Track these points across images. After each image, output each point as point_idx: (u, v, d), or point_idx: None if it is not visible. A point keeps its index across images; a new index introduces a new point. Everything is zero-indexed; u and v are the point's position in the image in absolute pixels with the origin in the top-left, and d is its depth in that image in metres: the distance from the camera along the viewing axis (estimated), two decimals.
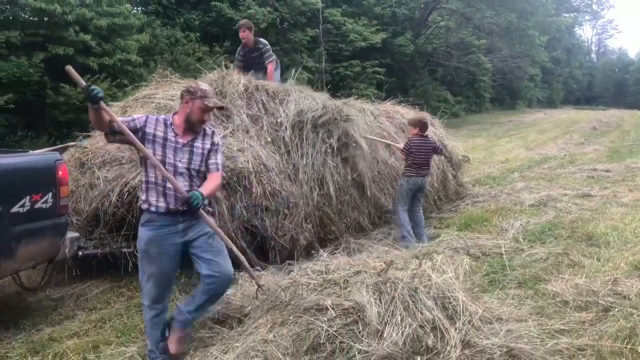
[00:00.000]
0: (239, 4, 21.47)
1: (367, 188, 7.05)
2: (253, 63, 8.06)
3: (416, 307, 3.72)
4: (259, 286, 4.09)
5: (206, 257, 3.57)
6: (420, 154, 6.84)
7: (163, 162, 3.51)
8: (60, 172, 4.51)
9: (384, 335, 3.48)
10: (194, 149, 3.63)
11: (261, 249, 5.70)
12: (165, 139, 3.56)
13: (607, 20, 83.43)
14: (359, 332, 3.48)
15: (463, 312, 3.85)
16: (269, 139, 6.23)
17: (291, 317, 3.59)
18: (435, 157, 7.97)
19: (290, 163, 6.22)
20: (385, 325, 3.55)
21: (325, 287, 3.88)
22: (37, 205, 4.29)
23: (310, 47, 24.98)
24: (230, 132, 6.03)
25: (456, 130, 26.02)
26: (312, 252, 5.78)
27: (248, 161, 5.69)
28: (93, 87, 3.21)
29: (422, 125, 7.02)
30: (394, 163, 7.95)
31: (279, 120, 6.42)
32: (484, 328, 3.86)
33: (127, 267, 5.26)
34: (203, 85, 3.76)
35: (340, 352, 3.35)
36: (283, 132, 6.32)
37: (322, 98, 6.96)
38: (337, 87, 25.48)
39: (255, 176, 5.64)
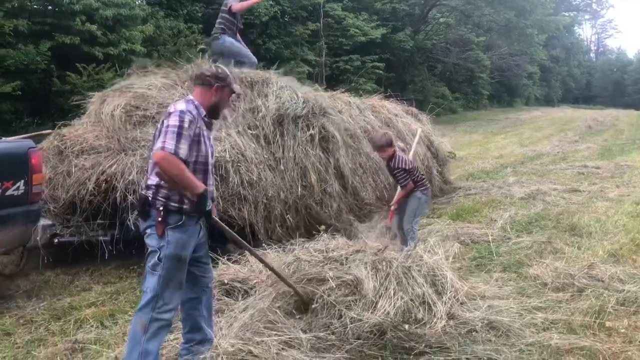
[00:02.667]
0: None
1: (347, 179, 7.03)
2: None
3: (408, 283, 4.11)
4: (265, 264, 3.99)
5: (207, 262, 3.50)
6: (415, 166, 6.21)
7: (205, 162, 3.25)
8: (33, 160, 4.46)
9: (377, 307, 3.87)
10: (212, 143, 3.42)
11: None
12: (203, 135, 3.25)
13: (606, 19, 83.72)
14: (355, 302, 3.86)
15: (450, 289, 4.24)
16: (252, 132, 6.21)
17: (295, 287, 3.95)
18: (420, 152, 8.18)
19: (270, 153, 6.20)
20: (380, 297, 3.94)
21: (326, 264, 4.24)
22: (9, 192, 4.28)
23: (311, 41, 25.30)
24: None
25: (453, 126, 26.44)
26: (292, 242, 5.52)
27: (225, 150, 5.69)
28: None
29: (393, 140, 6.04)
30: (377, 156, 7.45)
31: (260, 114, 6.38)
32: (468, 303, 4.26)
33: (104, 255, 5.37)
34: (227, 69, 3.43)
35: (337, 318, 3.73)
36: (263, 124, 6.28)
37: (303, 90, 7.01)
38: (337, 80, 25.81)
39: (232, 165, 5.63)
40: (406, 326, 3.68)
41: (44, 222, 4.97)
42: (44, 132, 6.34)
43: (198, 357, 3.36)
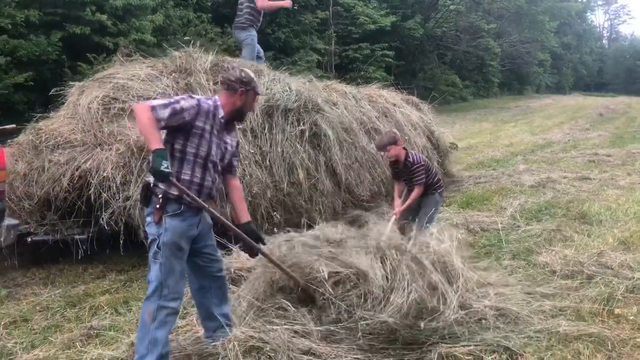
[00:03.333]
0: None
1: (340, 176, 6.79)
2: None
3: (420, 273, 4.03)
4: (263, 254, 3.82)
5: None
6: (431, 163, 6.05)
7: (205, 157, 3.28)
8: None
9: (390, 300, 3.76)
10: (227, 145, 3.44)
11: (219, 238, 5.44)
12: (211, 133, 3.29)
13: (619, 5, 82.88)
14: (364, 296, 3.80)
15: (459, 277, 4.25)
16: (238, 126, 6.05)
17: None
18: (419, 143, 8.08)
19: (257, 147, 6.00)
20: (391, 292, 3.82)
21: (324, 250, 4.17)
22: None
23: (320, 29, 25.21)
24: None
25: (463, 114, 26.37)
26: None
27: None
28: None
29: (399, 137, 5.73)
30: (374, 150, 7.47)
31: None
32: (477, 291, 4.28)
33: (79, 254, 5.23)
34: (249, 71, 3.48)
35: (346, 314, 3.74)
36: (251, 116, 5.95)
37: (296, 83, 6.80)
38: (346, 69, 25.77)
39: None
40: (422, 324, 3.63)
41: (9, 221, 4.71)
42: (6, 127, 5.71)
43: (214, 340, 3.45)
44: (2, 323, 4.11)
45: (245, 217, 3.58)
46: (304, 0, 23.64)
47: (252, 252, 3.59)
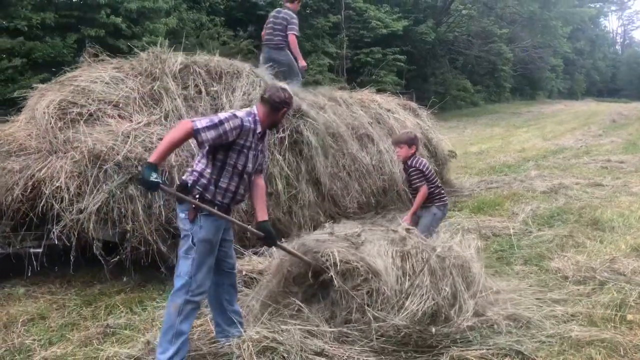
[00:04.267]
0: None
1: (324, 186, 6.40)
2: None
3: (441, 279, 3.92)
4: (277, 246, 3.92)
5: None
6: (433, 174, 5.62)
7: (243, 169, 3.45)
8: None
9: (405, 305, 3.70)
10: (261, 154, 3.64)
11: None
12: (249, 148, 3.46)
13: (633, 11, 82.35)
14: (375, 293, 3.76)
15: (478, 286, 4.21)
16: None
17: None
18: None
19: None
20: (407, 297, 3.75)
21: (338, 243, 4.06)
22: None
23: (332, 33, 25.29)
24: (158, 119, 5.46)
25: (475, 119, 26.35)
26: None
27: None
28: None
29: (418, 141, 5.74)
30: (364, 158, 7.25)
31: (220, 107, 5.78)
32: (490, 297, 4.30)
33: (29, 270, 4.89)
34: (290, 91, 3.72)
35: (359, 313, 3.71)
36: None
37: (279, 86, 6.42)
38: (358, 73, 25.84)
39: (178, 169, 4.99)
40: (433, 330, 3.63)
41: None
42: None
43: (228, 340, 3.51)
44: (21, 320, 4.19)
45: (262, 215, 3.65)
46: (316, 4, 23.74)
47: (268, 244, 3.80)
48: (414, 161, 5.29)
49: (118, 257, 4.84)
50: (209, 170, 3.39)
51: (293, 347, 3.41)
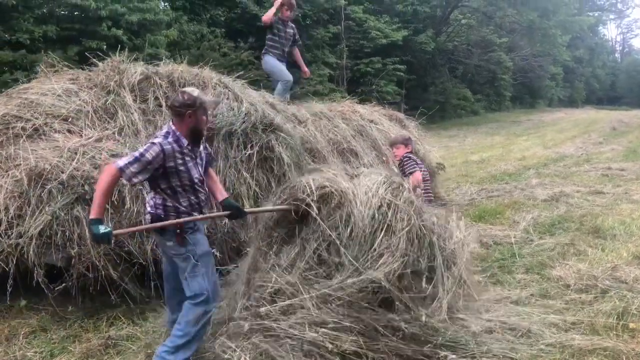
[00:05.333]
0: (263, 0, 21.95)
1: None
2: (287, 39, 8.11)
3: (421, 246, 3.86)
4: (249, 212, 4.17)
5: None
6: (426, 170, 5.88)
7: (191, 183, 3.53)
8: None
9: (380, 260, 3.61)
10: (202, 159, 3.69)
11: (142, 279, 4.78)
12: (184, 163, 3.50)
13: (632, 19, 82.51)
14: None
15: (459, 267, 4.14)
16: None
17: None
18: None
19: None
20: (384, 250, 3.67)
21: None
22: None
23: (332, 44, 25.42)
24: (111, 134, 5.12)
25: (475, 128, 26.39)
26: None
27: None
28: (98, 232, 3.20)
29: (413, 143, 5.95)
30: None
31: None
32: (487, 304, 4.31)
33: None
34: (194, 91, 3.59)
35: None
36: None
37: (251, 98, 5.98)
38: (358, 83, 25.94)
39: (130, 189, 4.65)
40: (423, 317, 3.59)
41: None
42: None
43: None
44: (22, 333, 4.20)
45: (222, 194, 3.80)
46: (316, 15, 23.87)
47: (239, 216, 3.87)
48: (408, 157, 5.66)
49: (63, 284, 4.45)
50: (164, 199, 3.51)
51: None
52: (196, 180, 3.57)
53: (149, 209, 3.56)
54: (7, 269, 4.33)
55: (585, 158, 14.55)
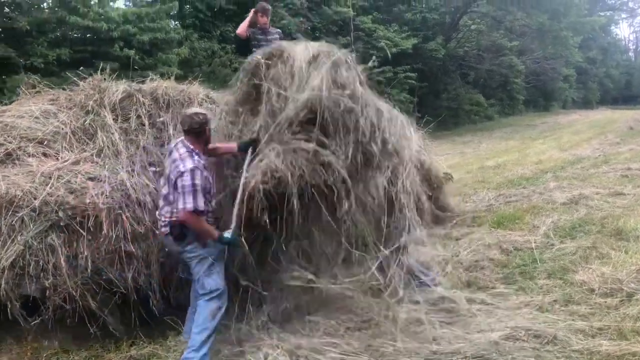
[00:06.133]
0: (272, 14, 22.09)
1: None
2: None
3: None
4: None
5: None
6: None
7: (211, 194, 4.07)
8: None
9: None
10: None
11: (122, 309, 4.56)
12: (208, 175, 4.02)
13: None
14: None
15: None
16: (155, 169, 4.96)
17: None
18: None
19: None
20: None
21: None
22: None
23: None
24: (90, 156, 4.91)
25: (490, 133, 26.22)
26: None
27: (99, 194, 4.46)
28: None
29: None
30: None
31: (165, 140, 5.21)
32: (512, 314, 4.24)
33: None
34: (201, 110, 4.26)
35: None
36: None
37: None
38: None
39: (108, 214, 4.40)
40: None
41: None
42: None
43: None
44: (44, 355, 4.20)
45: (233, 145, 4.33)
46: (325, 27, 23.97)
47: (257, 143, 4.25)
48: None
49: (40, 318, 4.25)
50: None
51: None
52: (212, 189, 4.10)
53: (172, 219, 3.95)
54: None
55: (603, 159, 14.35)
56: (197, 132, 4.00)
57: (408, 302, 4.75)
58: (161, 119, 5.44)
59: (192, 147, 3.99)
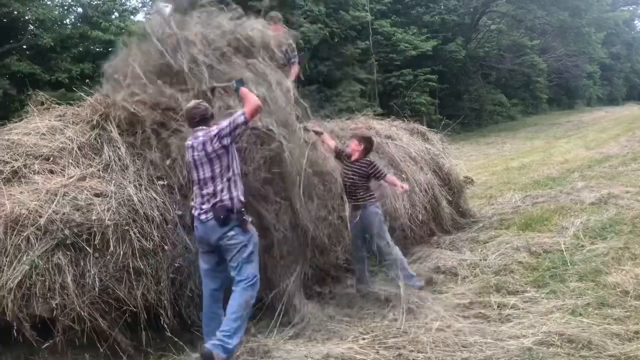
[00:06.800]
0: (290, 22, 22.18)
1: (308, 234, 5.18)
2: None
3: None
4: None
5: None
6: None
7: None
8: None
9: None
10: None
11: (131, 326, 4.36)
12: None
13: None
14: None
15: None
16: (162, 182, 4.84)
17: None
18: (422, 179, 7.33)
19: (188, 208, 4.62)
20: None
21: None
22: None
23: (362, 59, 25.45)
24: (96, 172, 4.78)
25: (513, 133, 25.94)
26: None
27: (105, 211, 4.35)
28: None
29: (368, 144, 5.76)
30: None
31: (169, 159, 4.94)
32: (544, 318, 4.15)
33: None
34: (198, 100, 4.40)
35: None
36: (178, 171, 4.88)
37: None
38: (390, 96, 25.85)
39: (114, 230, 4.29)
40: None
41: None
42: None
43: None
44: None
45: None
46: (344, 32, 23.97)
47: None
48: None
49: (52, 340, 4.09)
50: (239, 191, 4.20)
51: None
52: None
53: (231, 202, 4.09)
54: None
55: (632, 157, 14.05)
56: (207, 118, 4.24)
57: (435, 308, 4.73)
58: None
59: (202, 127, 4.22)
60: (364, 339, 4.25)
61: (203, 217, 4.09)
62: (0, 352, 4.24)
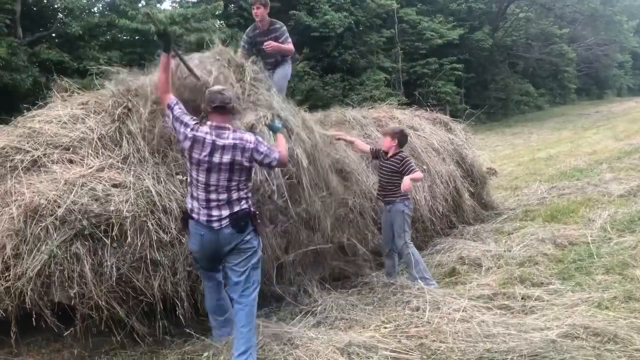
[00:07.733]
0: (315, 10, 22.11)
1: (324, 231, 5.27)
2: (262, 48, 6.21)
3: None
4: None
5: None
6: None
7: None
8: None
9: None
10: None
11: (148, 315, 4.39)
12: None
13: None
14: None
15: None
16: (181, 177, 4.75)
17: None
18: (443, 170, 7.16)
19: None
20: None
21: None
22: None
23: (386, 48, 25.31)
24: (115, 163, 4.71)
25: (540, 124, 25.56)
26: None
27: (123, 202, 4.33)
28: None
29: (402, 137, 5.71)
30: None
31: None
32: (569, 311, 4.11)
33: None
34: (224, 87, 4.23)
35: None
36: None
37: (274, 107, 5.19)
38: (415, 85, 25.67)
39: (132, 222, 4.28)
40: None
41: None
42: None
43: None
44: (103, 350, 4.29)
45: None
46: (369, 21, 23.83)
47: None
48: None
49: (72, 328, 4.14)
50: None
51: None
52: None
53: (249, 207, 3.96)
54: (4, 314, 4.05)
55: None
56: (227, 108, 3.89)
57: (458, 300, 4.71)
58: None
59: (226, 125, 3.89)
60: (385, 327, 4.25)
61: (216, 224, 3.81)
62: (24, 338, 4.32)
